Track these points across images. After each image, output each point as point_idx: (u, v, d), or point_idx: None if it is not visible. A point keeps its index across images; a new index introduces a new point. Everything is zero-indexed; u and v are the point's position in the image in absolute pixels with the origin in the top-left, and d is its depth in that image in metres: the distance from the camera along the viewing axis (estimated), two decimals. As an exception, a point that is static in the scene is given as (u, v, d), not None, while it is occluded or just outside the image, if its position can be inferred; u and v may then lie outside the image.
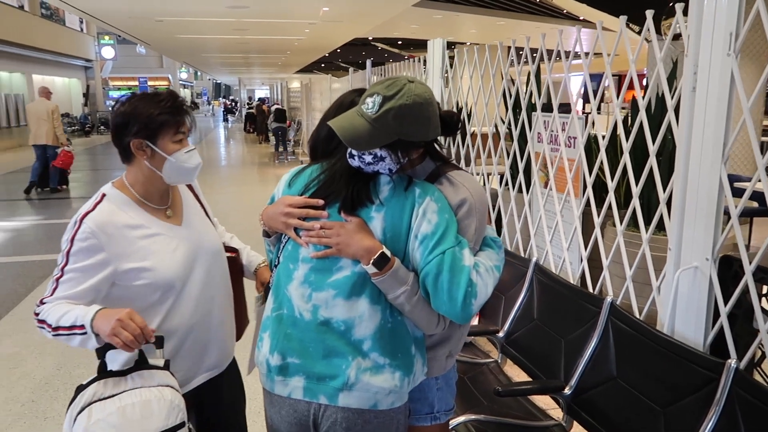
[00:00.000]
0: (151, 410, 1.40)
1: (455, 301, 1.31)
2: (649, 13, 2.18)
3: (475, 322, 3.01)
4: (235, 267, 1.85)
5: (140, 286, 1.56)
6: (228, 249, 1.85)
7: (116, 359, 1.54)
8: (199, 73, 51.68)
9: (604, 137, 2.55)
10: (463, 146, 3.80)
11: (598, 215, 2.57)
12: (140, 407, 1.39)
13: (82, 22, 23.53)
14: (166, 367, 1.53)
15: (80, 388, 1.44)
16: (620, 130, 2.41)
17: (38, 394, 3.18)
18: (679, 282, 2.08)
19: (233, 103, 44.07)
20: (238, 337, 1.92)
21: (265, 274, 1.85)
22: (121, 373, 1.46)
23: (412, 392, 1.54)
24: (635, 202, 2.34)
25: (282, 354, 1.39)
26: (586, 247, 2.67)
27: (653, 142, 2.23)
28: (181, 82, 46.02)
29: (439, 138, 1.49)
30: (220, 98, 52.53)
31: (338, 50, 17.14)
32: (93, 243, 1.50)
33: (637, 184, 2.32)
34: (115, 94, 43.43)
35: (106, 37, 27.09)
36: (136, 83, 43.11)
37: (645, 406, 1.90)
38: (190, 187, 1.81)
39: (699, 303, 2.02)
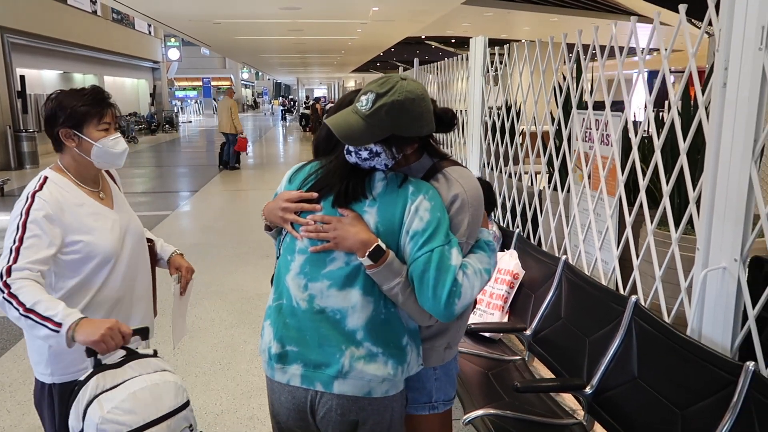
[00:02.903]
0: (160, 392, 1.50)
1: (439, 299, 1.34)
2: (712, 2, 2.03)
3: (504, 319, 3.01)
4: (151, 255, 2.02)
5: (80, 258, 1.70)
6: (147, 239, 2.02)
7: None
8: (260, 73, 52.96)
9: (638, 135, 2.50)
10: (512, 146, 3.73)
11: (630, 214, 2.52)
12: (150, 391, 1.49)
13: (150, 25, 24.60)
14: (155, 354, 1.63)
15: (80, 385, 1.50)
16: (652, 128, 2.36)
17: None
18: (707, 283, 2.03)
19: (292, 103, 44.94)
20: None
21: (178, 261, 2.04)
22: (117, 365, 1.55)
23: (411, 381, 1.58)
24: (665, 201, 2.28)
25: (281, 342, 1.46)
26: (618, 246, 2.63)
27: (684, 139, 2.17)
28: (242, 81, 47.35)
29: (435, 135, 1.52)
30: (280, 97, 53.67)
31: (392, 49, 17.22)
32: (47, 213, 1.64)
33: (668, 183, 2.27)
34: (180, 93, 45.23)
35: (172, 40, 28.22)
36: (200, 83, 44.69)
37: (664, 407, 1.87)
38: (113, 178, 1.98)
39: (727, 305, 1.97)
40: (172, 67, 30.72)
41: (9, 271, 1.53)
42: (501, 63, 3.93)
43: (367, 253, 1.36)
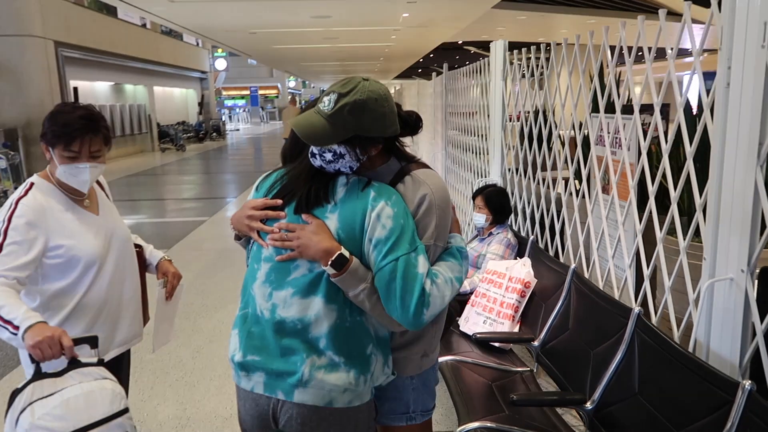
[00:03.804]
0: (95, 399, 1.51)
1: (407, 309, 1.31)
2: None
3: (515, 328, 2.93)
4: (140, 260, 2.07)
5: (63, 263, 1.77)
6: (135, 245, 2.06)
7: (51, 363, 1.62)
8: (306, 82, 53.76)
9: (647, 139, 2.40)
10: (550, 154, 3.49)
11: (640, 221, 2.42)
12: (84, 398, 1.50)
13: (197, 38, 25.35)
14: (101, 363, 1.64)
15: (16, 392, 1.53)
16: (660, 133, 2.25)
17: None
18: (713, 295, 1.92)
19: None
20: (145, 322, 2.10)
21: (165, 266, 2.08)
22: (57, 374, 1.57)
23: (387, 391, 1.55)
24: (673, 208, 2.18)
25: (244, 351, 1.45)
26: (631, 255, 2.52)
27: (690, 143, 2.07)
28: (289, 90, 48.19)
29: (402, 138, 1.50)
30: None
31: (431, 55, 17.20)
32: (29, 219, 1.70)
33: (675, 189, 2.17)
34: (229, 102, 46.43)
35: (219, 50, 28.98)
36: (248, 92, 45.76)
37: (662, 426, 1.77)
38: (101, 186, 2.04)
39: (734, 319, 1.85)
40: (219, 77, 31.57)
41: None
42: (537, 66, 3.66)
43: (329, 262, 1.34)
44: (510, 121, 4.21)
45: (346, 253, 1.35)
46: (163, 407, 3.14)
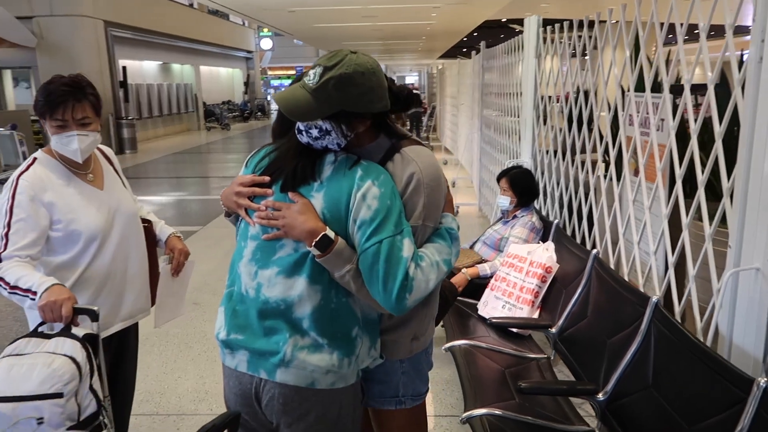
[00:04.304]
0: (31, 374, 1.46)
1: (390, 293, 1.27)
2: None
3: (535, 314, 2.85)
4: (149, 236, 2.07)
5: (64, 237, 1.78)
6: (143, 220, 2.06)
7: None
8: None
9: (676, 119, 2.25)
10: (590, 135, 3.30)
11: (667, 206, 2.29)
12: (26, 369, 1.47)
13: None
14: (85, 339, 1.60)
15: (13, 341, 1.57)
16: (689, 112, 2.11)
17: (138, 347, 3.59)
18: (738, 285, 1.80)
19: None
20: (153, 302, 2.09)
21: (173, 242, 2.07)
22: (47, 336, 1.58)
23: (376, 374, 1.51)
24: (700, 193, 2.04)
25: (228, 330, 1.43)
26: (656, 241, 2.39)
27: (720, 123, 1.93)
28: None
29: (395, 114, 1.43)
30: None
31: (475, 33, 16.79)
32: (31, 195, 1.72)
33: (702, 172, 2.03)
34: (276, 82, 46.86)
35: (265, 30, 29.14)
36: (294, 72, 45.95)
37: (674, 421, 1.68)
38: (110, 161, 2.02)
39: (759, 312, 1.74)
40: (265, 57, 31.79)
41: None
42: (579, 43, 3.41)
43: (313, 243, 1.30)
44: (553, 101, 4.01)
45: (331, 234, 1.31)
46: (184, 380, 3.21)
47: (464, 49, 26.94)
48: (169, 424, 2.79)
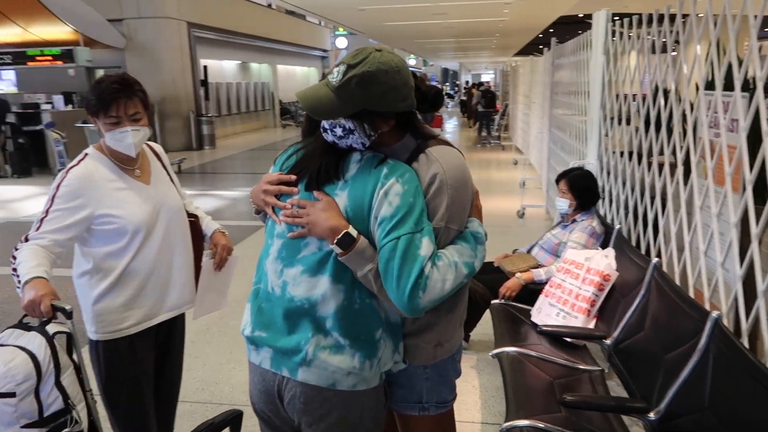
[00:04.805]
0: None
1: (402, 291, 1.23)
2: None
3: (591, 324, 2.72)
4: (195, 230, 2.10)
5: (111, 230, 1.84)
6: (189, 215, 2.09)
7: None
8: (426, 60, 53.46)
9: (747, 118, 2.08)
10: (668, 136, 3.08)
11: (734, 213, 2.12)
12: None
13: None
14: (54, 337, 1.64)
15: (5, 330, 1.64)
16: (762, 109, 1.93)
17: (198, 336, 3.73)
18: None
19: (455, 88, 44.70)
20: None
21: (217, 238, 2.10)
22: (27, 328, 1.64)
23: (398, 378, 1.48)
24: (772, 200, 1.87)
25: (253, 326, 1.44)
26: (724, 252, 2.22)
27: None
28: (410, 68, 48.07)
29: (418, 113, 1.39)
30: (446, 84, 53.69)
31: (551, 30, 16.32)
32: (75, 188, 1.79)
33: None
34: (350, 81, 47.29)
35: (340, 29, 29.56)
36: (368, 70, 46.31)
37: (728, 448, 1.55)
38: (158, 157, 2.07)
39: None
40: (340, 55, 32.22)
41: (27, 238, 1.75)
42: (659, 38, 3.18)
43: (335, 241, 1.29)
44: (629, 100, 3.73)
45: (353, 232, 1.29)
46: (237, 372, 3.30)
47: (540, 46, 26.19)
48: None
